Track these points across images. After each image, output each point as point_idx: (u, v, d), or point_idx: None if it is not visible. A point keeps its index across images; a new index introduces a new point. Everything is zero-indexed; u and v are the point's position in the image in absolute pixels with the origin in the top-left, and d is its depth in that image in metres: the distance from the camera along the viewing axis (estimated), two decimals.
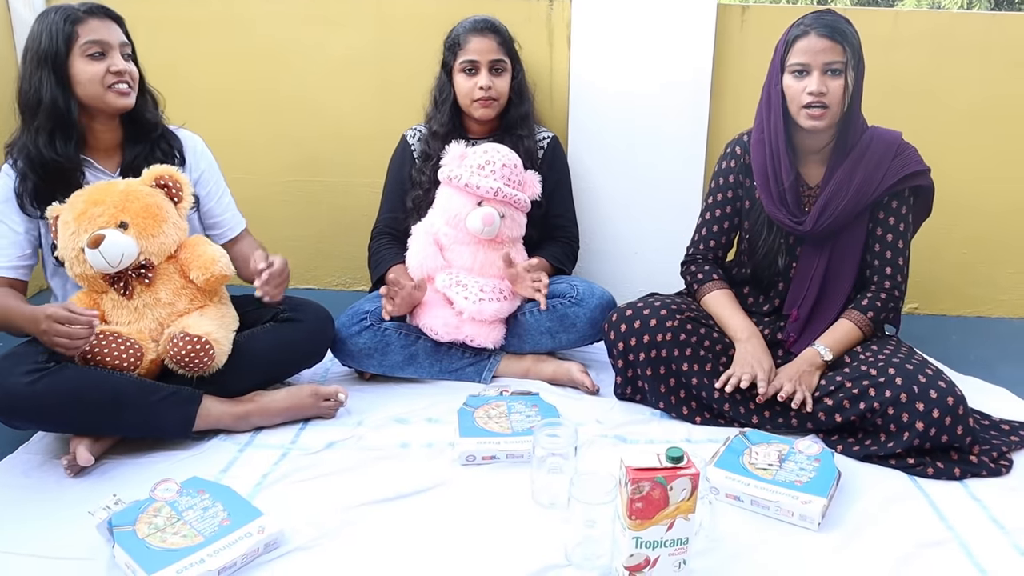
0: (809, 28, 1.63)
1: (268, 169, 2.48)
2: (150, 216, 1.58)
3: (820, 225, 1.69)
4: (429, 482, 1.48)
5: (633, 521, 1.14)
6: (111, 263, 1.53)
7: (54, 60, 1.57)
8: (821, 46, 1.61)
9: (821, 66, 1.61)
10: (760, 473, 1.43)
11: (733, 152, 1.84)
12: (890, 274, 1.74)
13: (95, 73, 1.59)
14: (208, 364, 1.58)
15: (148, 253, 1.58)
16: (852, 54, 1.62)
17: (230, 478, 1.48)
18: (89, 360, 1.51)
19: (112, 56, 1.61)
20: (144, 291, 1.59)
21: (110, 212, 1.55)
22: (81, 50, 1.58)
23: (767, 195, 1.74)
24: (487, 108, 2.02)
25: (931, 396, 1.51)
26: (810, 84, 1.62)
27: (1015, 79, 2.27)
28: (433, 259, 1.90)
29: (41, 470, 1.52)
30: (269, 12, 2.38)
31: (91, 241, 1.51)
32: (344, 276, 2.60)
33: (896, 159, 1.69)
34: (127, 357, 1.54)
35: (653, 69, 2.25)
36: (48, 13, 1.60)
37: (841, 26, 1.62)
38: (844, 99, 1.63)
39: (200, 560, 1.20)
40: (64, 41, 1.57)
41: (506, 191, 1.88)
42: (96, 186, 1.61)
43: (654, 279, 2.32)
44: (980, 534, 1.36)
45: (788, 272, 1.80)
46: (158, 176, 1.63)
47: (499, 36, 2.02)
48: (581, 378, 1.87)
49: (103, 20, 1.61)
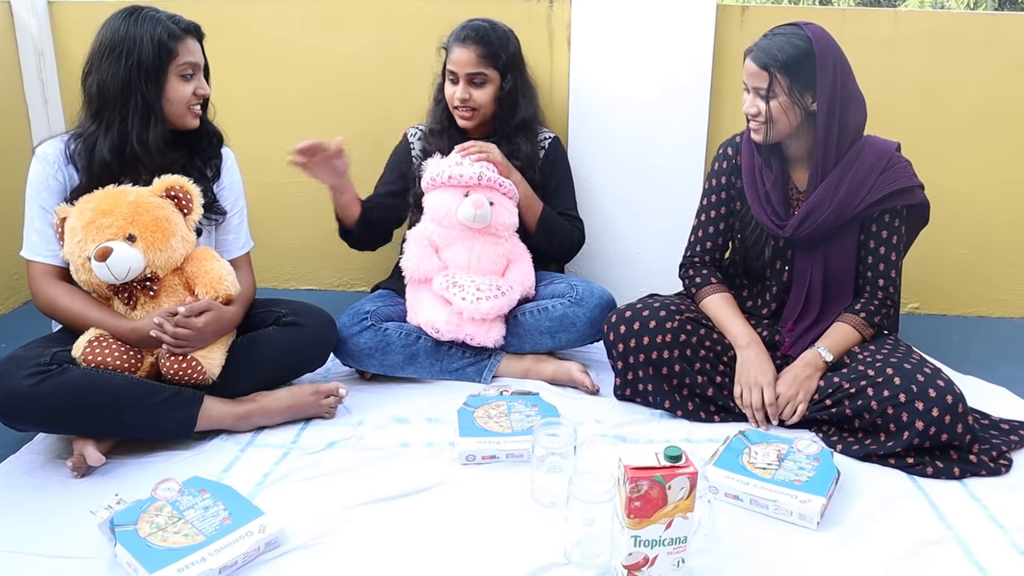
0: (750, 50, 1.65)
1: (269, 170, 2.48)
2: (159, 230, 1.57)
3: (801, 231, 1.70)
4: (429, 481, 1.48)
5: (632, 520, 1.14)
6: (117, 276, 1.54)
7: (156, 72, 1.58)
8: (749, 70, 1.65)
9: (753, 88, 1.65)
10: (759, 472, 1.44)
11: (725, 153, 1.85)
12: (882, 285, 1.74)
13: (184, 94, 1.62)
14: (200, 380, 1.60)
15: (155, 267, 1.58)
16: (787, 78, 1.60)
17: (231, 478, 1.48)
18: (90, 362, 1.51)
19: (198, 78, 1.65)
20: (148, 302, 1.60)
21: (119, 224, 1.54)
22: (178, 69, 1.61)
23: (753, 194, 1.75)
24: (466, 119, 2.02)
25: (930, 395, 1.51)
26: (746, 102, 1.67)
27: (1015, 80, 2.27)
28: (429, 260, 1.91)
29: (43, 470, 1.53)
30: (269, 14, 2.39)
31: (99, 254, 1.51)
32: (345, 277, 2.61)
33: (884, 174, 1.67)
34: (127, 358, 1.54)
35: (653, 70, 2.25)
36: (142, 17, 1.59)
37: (774, 50, 1.61)
38: (787, 118, 1.63)
39: (201, 559, 1.21)
40: (167, 56, 1.58)
41: (489, 175, 1.89)
42: (106, 193, 1.58)
43: (654, 279, 2.33)
44: (979, 533, 1.36)
45: (781, 275, 1.81)
46: (169, 187, 1.62)
47: (483, 47, 1.97)
48: (581, 378, 1.88)
49: (195, 40, 1.65)
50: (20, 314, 2.39)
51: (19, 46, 2.42)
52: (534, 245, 2.03)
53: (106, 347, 1.53)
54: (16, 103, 2.43)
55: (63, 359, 1.50)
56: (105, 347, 1.53)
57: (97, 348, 1.52)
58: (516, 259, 1.98)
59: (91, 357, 1.51)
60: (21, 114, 2.45)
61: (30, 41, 2.41)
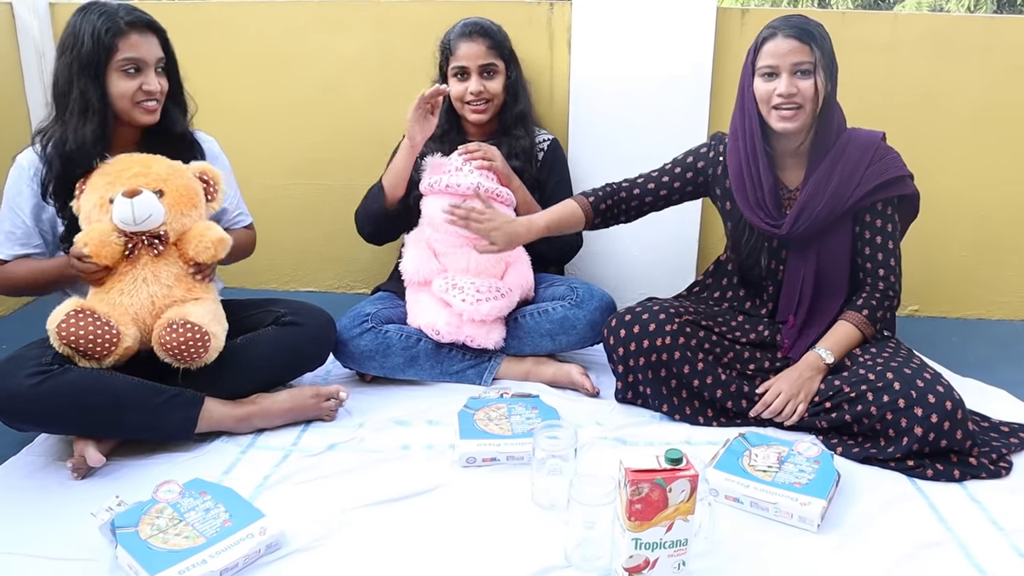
0: (776, 30, 1.63)
1: (269, 172, 2.49)
2: (186, 195, 1.60)
3: (797, 228, 1.70)
4: (429, 484, 1.48)
5: (632, 522, 1.14)
6: (136, 219, 1.53)
7: (95, 68, 1.57)
8: (788, 47, 1.61)
9: (790, 67, 1.62)
10: (759, 475, 1.44)
11: (712, 146, 1.86)
12: (883, 275, 1.73)
13: (126, 89, 1.60)
14: (202, 356, 1.56)
15: (170, 227, 1.59)
16: (821, 55, 1.61)
17: (232, 480, 1.48)
18: (64, 336, 1.47)
19: (146, 73, 1.62)
20: (148, 263, 1.58)
21: (153, 177, 1.57)
22: (118, 65, 1.59)
23: (743, 199, 1.75)
24: (481, 113, 2.04)
25: (929, 400, 1.51)
26: (779, 86, 1.62)
27: (1014, 82, 2.27)
28: (428, 263, 1.91)
29: (44, 472, 1.53)
30: (270, 17, 2.39)
31: (128, 191, 1.52)
32: (346, 279, 2.61)
33: (872, 166, 1.67)
34: (101, 341, 1.49)
35: (653, 73, 2.25)
36: (91, 11, 1.59)
37: (808, 27, 1.62)
38: (817, 99, 1.63)
39: (202, 561, 1.21)
40: (104, 52, 1.57)
41: (487, 185, 1.90)
42: (145, 155, 1.62)
43: (654, 282, 2.33)
44: (979, 535, 1.36)
45: (776, 275, 1.81)
46: (202, 171, 1.66)
47: (489, 39, 2.03)
48: (581, 380, 1.88)
49: (144, 34, 1.61)
50: (20, 315, 2.39)
51: (20, 47, 2.42)
52: (533, 248, 2.03)
53: (82, 322, 1.48)
54: (17, 104, 2.44)
55: (64, 359, 1.50)
56: (82, 322, 1.48)
57: (73, 321, 1.47)
58: (515, 262, 1.99)
59: (65, 331, 1.46)
60: (22, 115, 2.45)
61: (31, 42, 2.41)
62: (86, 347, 1.48)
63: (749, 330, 1.83)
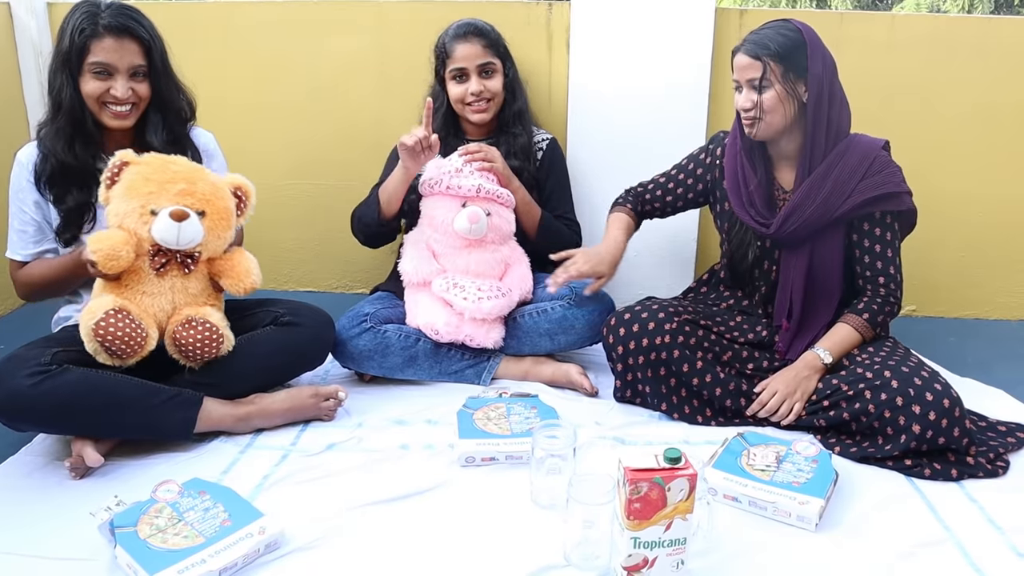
0: (739, 47, 1.66)
1: (268, 173, 2.48)
2: (224, 219, 1.61)
3: (785, 229, 1.70)
4: (429, 483, 1.49)
5: (631, 521, 1.15)
6: (180, 242, 1.54)
7: (70, 67, 1.59)
8: (741, 64, 1.65)
9: (747, 82, 1.65)
10: (758, 474, 1.44)
11: (710, 149, 1.89)
12: (883, 283, 1.73)
13: (93, 91, 1.61)
14: (213, 355, 1.60)
15: (205, 248, 1.60)
16: (781, 67, 1.61)
17: (231, 479, 1.49)
18: (100, 334, 1.47)
19: (116, 78, 1.61)
20: (178, 277, 1.59)
21: (199, 197, 1.57)
22: (88, 67, 1.60)
23: (735, 196, 1.76)
24: (482, 112, 2.04)
25: (927, 399, 1.51)
26: (739, 99, 1.67)
27: (1012, 83, 2.28)
28: (427, 263, 1.92)
29: (43, 471, 1.53)
30: (269, 18, 2.39)
31: (177, 214, 1.51)
32: (344, 279, 2.61)
33: (866, 179, 1.66)
34: (132, 342, 1.50)
35: (652, 73, 2.26)
36: (79, 10, 1.60)
37: (765, 41, 1.62)
38: (784, 109, 1.64)
39: (201, 561, 1.21)
40: (77, 53, 1.58)
41: (488, 187, 1.90)
42: (193, 165, 1.63)
43: (653, 282, 2.34)
44: (977, 535, 1.36)
45: (769, 276, 1.81)
46: (236, 185, 1.65)
47: (484, 38, 2.02)
48: (580, 380, 1.88)
49: (119, 39, 1.60)
50: (20, 315, 2.39)
51: (18, 47, 2.42)
52: (532, 249, 2.04)
53: (121, 322, 1.48)
54: (15, 104, 2.43)
55: (63, 359, 1.50)
56: (120, 322, 1.48)
57: (113, 320, 1.47)
58: (514, 262, 1.99)
59: (103, 329, 1.46)
60: (20, 115, 2.45)
61: (29, 42, 2.41)
62: (119, 347, 1.49)
63: (748, 330, 1.83)
